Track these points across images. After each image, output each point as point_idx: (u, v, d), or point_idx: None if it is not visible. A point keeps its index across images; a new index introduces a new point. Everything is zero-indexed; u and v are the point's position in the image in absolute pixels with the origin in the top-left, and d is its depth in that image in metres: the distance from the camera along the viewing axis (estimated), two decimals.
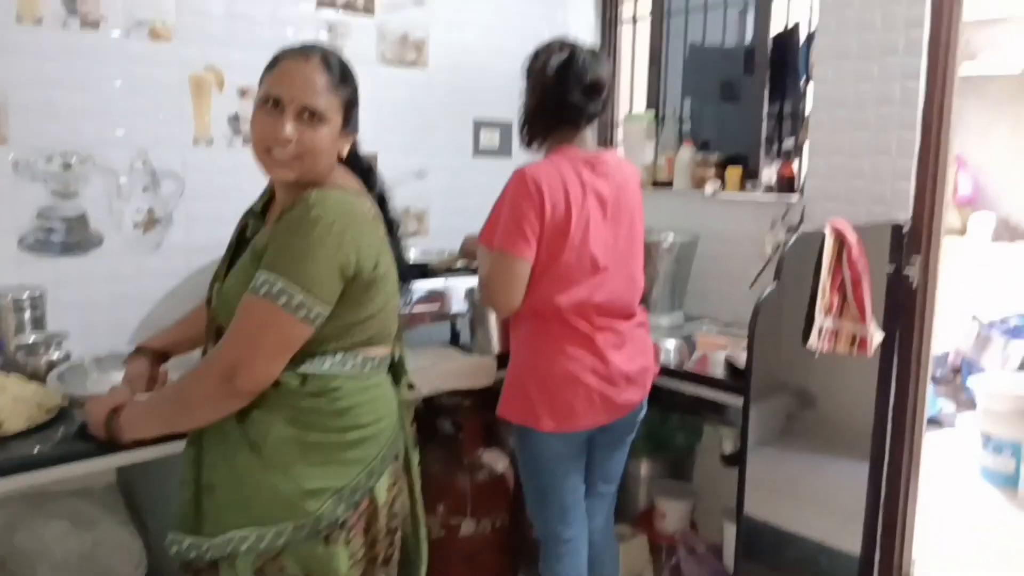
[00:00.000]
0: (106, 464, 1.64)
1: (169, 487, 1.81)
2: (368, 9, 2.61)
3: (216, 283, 1.43)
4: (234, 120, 2.36)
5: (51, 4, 2.03)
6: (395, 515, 1.46)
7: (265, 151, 1.33)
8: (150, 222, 2.25)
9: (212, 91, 2.31)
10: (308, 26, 2.49)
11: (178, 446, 1.45)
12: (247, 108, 2.35)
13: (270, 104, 1.32)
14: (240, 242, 1.47)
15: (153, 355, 1.63)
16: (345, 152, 1.42)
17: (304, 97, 1.31)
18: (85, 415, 1.48)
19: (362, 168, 1.47)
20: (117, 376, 1.67)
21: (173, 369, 1.67)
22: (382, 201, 1.48)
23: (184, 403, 1.31)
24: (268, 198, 1.50)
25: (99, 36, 2.11)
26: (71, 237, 2.12)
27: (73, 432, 1.60)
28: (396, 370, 1.53)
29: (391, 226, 1.47)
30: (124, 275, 2.22)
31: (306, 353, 1.31)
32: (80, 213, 2.13)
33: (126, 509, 2.15)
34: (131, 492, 2.23)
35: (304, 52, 1.35)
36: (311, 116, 1.32)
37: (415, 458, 1.54)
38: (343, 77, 1.37)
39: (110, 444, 1.44)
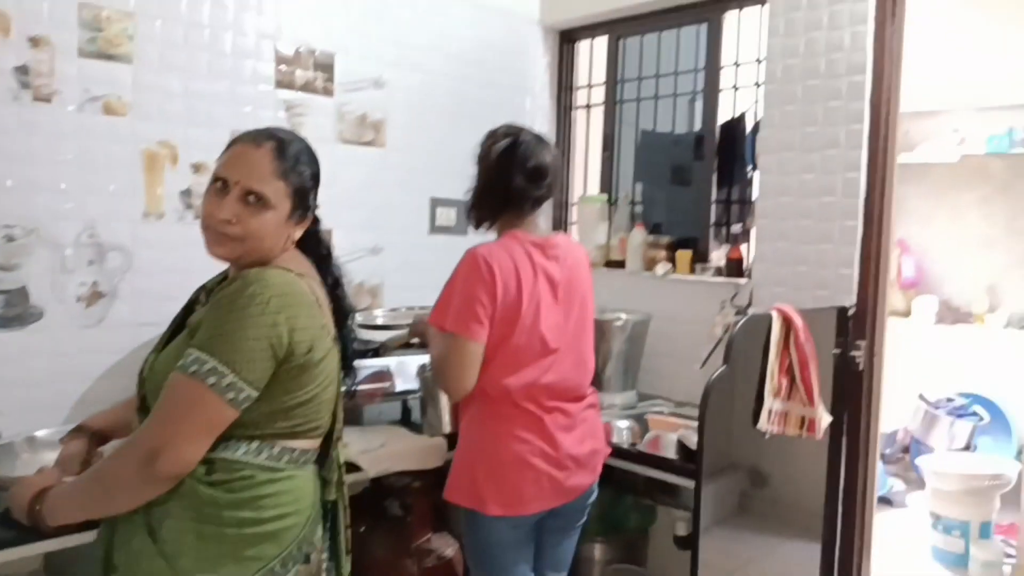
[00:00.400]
0: (31, 551, 1.56)
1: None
2: (327, 91, 2.66)
3: (151, 354, 1.40)
4: (186, 195, 2.34)
5: (2, 78, 2.02)
6: None
7: (207, 228, 1.34)
8: (94, 296, 2.20)
9: (165, 166, 2.30)
10: (266, 105, 2.51)
11: None
12: (201, 183, 2.35)
13: (218, 184, 1.33)
14: (187, 316, 1.44)
15: (92, 435, 1.56)
16: (296, 236, 1.41)
17: (248, 181, 1.32)
18: (8, 498, 1.40)
19: (319, 253, 1.46)
20: (49, 457, 1.60)
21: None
22: (336, 287, 1.46)
23: (105, 488, 1.26)
24: (224, 276, 1.48)
25: (52, 109, 2.10)
26: (9, 311, 2.06)
27: None
28: (325, 466, 1.47)
29: (343, 314, 1.45)
30: (64, 350, 2.16)
31: (219, 438, 1.26)
32: (21, 286, 2.08)
33: None
34: None
35: (258, 137, 1.36)
36: (256, 200, 1.32)
37: (347, 567, 1.48)
38: (296, 164, 1.37)
39: (34, 530, 1.37)
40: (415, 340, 2.49)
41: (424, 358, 2.39)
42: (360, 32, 2.74)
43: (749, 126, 2.88)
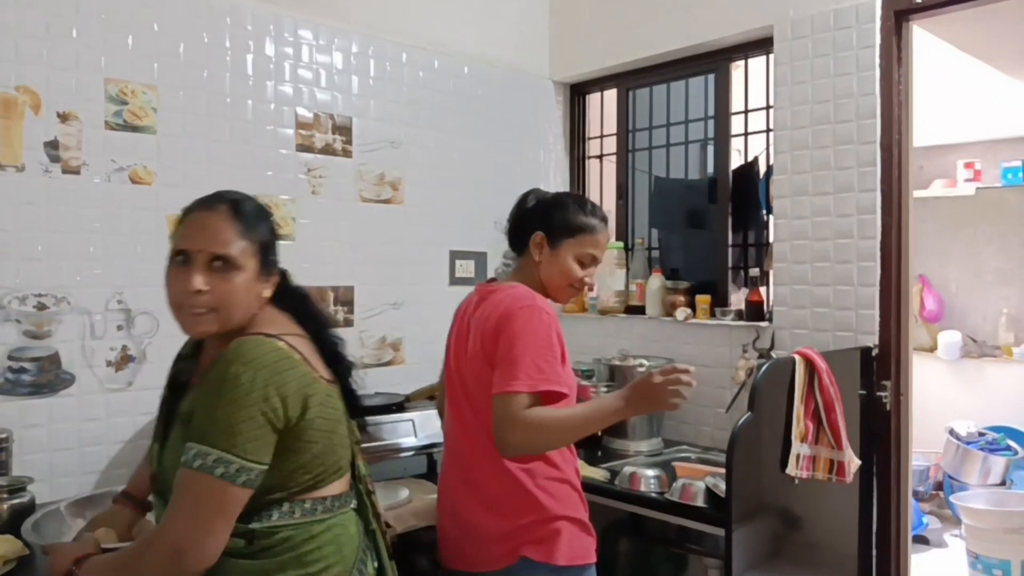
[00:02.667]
0: None
1: None
2: (346, 153, 2.73)
3: (154, 444, 1.40)
4: None
5: (34, 152, 2.09)
6: None
7: (178, 307, 1.30)
8: (123, 360, 2.24)
9: None
10: (287, 168, 2.58)
11: None
12: None
13: (179, 259, 1.30)
14: (174, 391, 1.44)
15: (137, 503, 1.60)
16: (267, 294, 1.39)
17: (212, 246, 1.29)
18: (48, 565, 1.40)
19: (295, 303, 1.44)
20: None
21: None
22: (320, 331, 1.43)
23: None
24: (197, 343, 1.47)
25: (80, 180, 2.17)
26: (42, 377, 2.10)
27: None
28: (362, 502, 1.47)
29: (334, 355, 1.43)
30: (94, 414, 2.19)
31: (251, 509, 1.27)
32: (52, 353, 2.12)
33: None
34: None
35: (210, 202, 1.35)
36: (223, 264, 1.30)
37: None
38: (255, 221, 1.36)
39: None
40: None
41: None
42: (376, 95, 2.82)
43: (762, 170, 2.91)
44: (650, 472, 2.43)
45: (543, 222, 1.81)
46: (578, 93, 3.50)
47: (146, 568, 1.24)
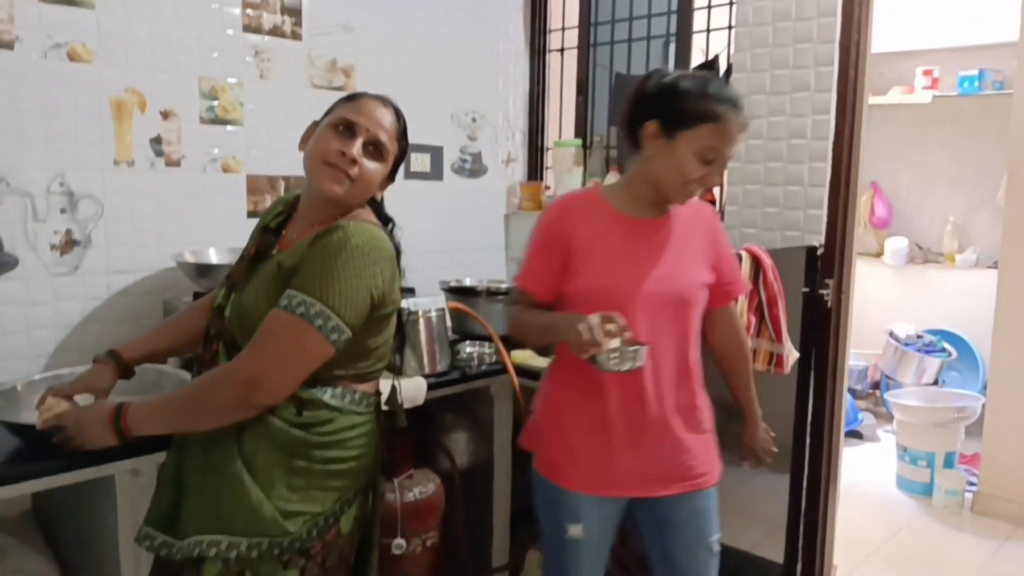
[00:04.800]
0: (20, 491, 1.56)
1: (85, 515, 1.76)
2: (296, 35, 2.62)
3: (233, 293, 1.44)
4: (156, 142, 2.33)
5: None
6: (353, 546, 1.51)
7: (323, 163, 1.40)
8: (67, 244, 2.20)
9: (134, 113, 2.28)
10: (234, 50, 2.48)
11: (99, 471, 1.54)
12: (170, 130, 2.34)
13: (341, 127, 1.42)
14: (256, 254, 1.50)
15: (120, 367, 1.59)
16: (379, 197, 1.53)
17: (377, 131, 1.43)
18: (77, 423, 1.41)
19: (382, 215, 1.54)
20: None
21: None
22: (395, 250, 1.52)
23: (198, 407, 1.34)
24: (284, 218, 1.54)
25: (14, 56, 2.06)
26: None
27: None
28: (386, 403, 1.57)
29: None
30: (40, 298, 2.17)
31: (308, 381, 1.36)
32: None
33: (42, 537, 2.07)
34: (47, 520, 2.15)
35: (382, 98, 1.49)
36: (375, 149, 1.44)
37: (382, 485, 1.57)
38: (406, 132, 1.52)
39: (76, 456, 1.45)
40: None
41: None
42: None
43: (722, 69, 2.88)
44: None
45: (658, 109, 1.57)
46: None
47: (216, 396, 1.32)
